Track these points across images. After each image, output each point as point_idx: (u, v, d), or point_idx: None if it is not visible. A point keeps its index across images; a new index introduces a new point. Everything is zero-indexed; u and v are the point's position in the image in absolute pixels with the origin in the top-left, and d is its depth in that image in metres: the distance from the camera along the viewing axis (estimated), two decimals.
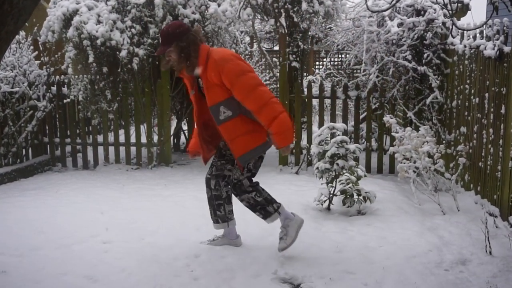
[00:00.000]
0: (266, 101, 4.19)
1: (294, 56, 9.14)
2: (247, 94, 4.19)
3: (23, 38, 8.58)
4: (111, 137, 9.08)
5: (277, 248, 4.64)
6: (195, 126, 4.62)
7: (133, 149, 8.99)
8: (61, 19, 8.04)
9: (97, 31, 7.73)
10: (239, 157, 4.38)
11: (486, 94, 5.91)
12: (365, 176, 6.08)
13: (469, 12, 7.79)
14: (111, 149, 9.01)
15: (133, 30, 7.96)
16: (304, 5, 8.43)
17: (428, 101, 7.60)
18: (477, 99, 6.24)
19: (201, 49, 4.31)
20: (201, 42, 4.36)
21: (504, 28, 5.59)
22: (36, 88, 8.64)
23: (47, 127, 9.04)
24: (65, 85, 8.88)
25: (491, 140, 5.78)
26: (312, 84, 8.67)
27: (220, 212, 4.72)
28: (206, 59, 4.26)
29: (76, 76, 8.26)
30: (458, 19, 7.80)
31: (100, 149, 9.01)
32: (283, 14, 8.55)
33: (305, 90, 9.02)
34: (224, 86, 4.23)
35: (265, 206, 4.64)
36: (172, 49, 4.29)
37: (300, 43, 9.21)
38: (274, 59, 16.57)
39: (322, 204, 6.09)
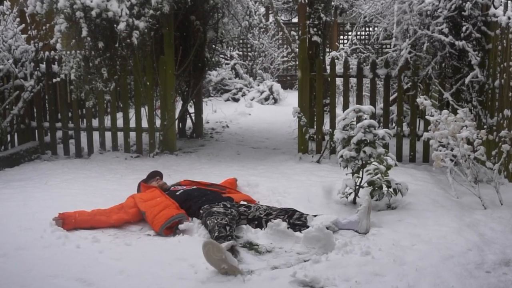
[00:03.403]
0: None
1: (315, 29, 9.07)
2: None
3: (8, 9, 8.56)
4: (107, 121, 9.10)
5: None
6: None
7: (132, 134, 8.99)
8: None
9: (91, 1, 7.69)
10: None
11: None
12: (395, 165, 6.04)
13: None
14: (108, 134, 9.01)
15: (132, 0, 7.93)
16: None
17: (467, 80, 7.52)
18: None
19: None
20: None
21: None
22: (22, 66, 8.65)
23: (35, 110, 9.07)
24: (56, 62, 8.89)
25: None
26: (336, 61, 8.60)
27: None
28: None
29: (68, 52, 8.24)
30: None
31: (96, 135, 9.01)
32: None
33: (328, 68, 8.97)
34: None
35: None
36: None
37: (322, 15, 9.14)
38: (293, 32, 16.52)
39: (347, 197, 6.07)
